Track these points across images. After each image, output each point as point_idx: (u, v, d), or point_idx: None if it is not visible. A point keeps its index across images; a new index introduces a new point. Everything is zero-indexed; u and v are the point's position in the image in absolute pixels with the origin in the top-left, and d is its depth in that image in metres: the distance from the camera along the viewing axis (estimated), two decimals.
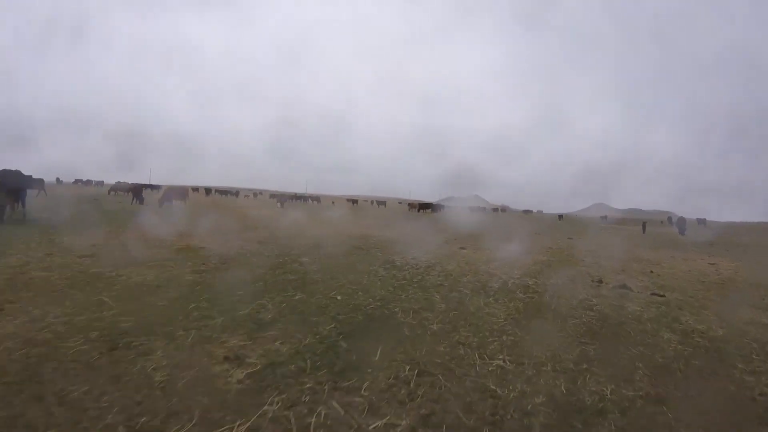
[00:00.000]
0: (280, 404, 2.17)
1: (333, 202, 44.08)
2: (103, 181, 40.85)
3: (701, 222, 30.28)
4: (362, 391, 2.34)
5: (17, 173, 9.39)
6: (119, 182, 26.45)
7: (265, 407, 2.13)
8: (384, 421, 2.09)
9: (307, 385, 2.37)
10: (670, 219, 33.07)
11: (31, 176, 11.85)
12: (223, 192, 45.36)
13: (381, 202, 48.96)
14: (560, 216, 41.29)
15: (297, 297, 4.16)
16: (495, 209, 63.50)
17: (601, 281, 5.98)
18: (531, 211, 72.67)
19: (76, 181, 41.00)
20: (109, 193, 23.53)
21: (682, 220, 24.60)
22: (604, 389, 2.55)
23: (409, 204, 41.50)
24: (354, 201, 49.07)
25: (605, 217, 46.91)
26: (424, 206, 35.04)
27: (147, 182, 30.00)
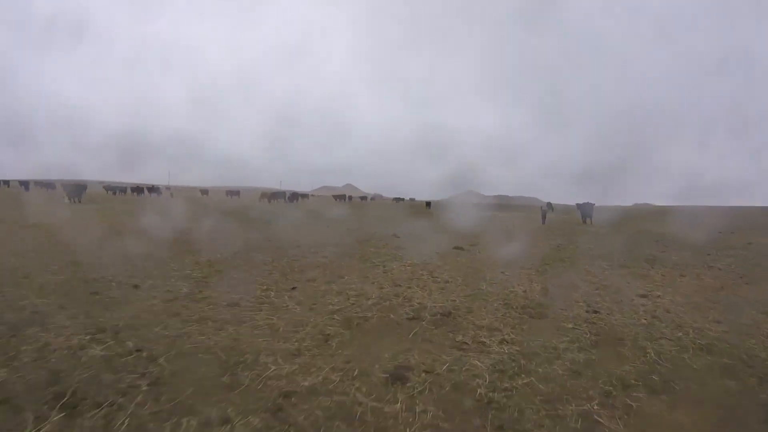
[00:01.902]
0: None
1: (172, 195, 45.00)
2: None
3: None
4: None
5: None
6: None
7: None
8: None
9: None
10: (549, 205, 35.55)
11: None
12: (140, 190, 44.59)
13: (234, 192, 52.01)
14: (428, 203, 42.08)
15: None
16: (363, 198, 67.38)
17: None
18: (402, 199, 75.54)
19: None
20: None
21: (588, 206, 22.90)
22: None
23: (262, 193, 44.41)
24: (205, 192, 52.15)
25: (476, 203, 51.90)
26: (275, 195, 38.85)
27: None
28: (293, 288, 6.39)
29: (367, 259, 9.02)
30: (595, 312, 5.51)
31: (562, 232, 17.31)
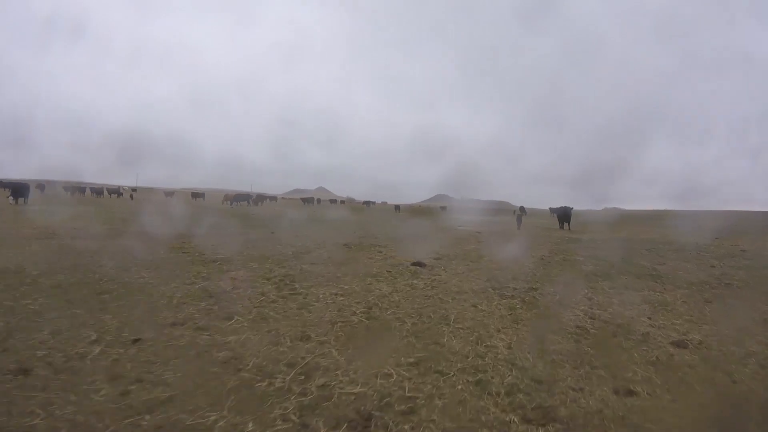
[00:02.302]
0: None
1: (132, 197, 43.18)
2: None
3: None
4: None
5: None
6: None
7: None
8: None
9: None
10: (522, 209, 34.42)
11: None
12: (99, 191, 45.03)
13: (199, 195, 51.55)
14: (397, 207, 42.87)
15: None
16: (333, 201, 68.86)
17: None
18: (374, 203, 75.30)
19: None
20: None
21: (566, 210, 20.93)
22: None
23: (225, 196, 43.76)
24: (170, 193, 51.20)
25: (444, 207, 51.85)
26: (238, 197, 39.19)
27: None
28: (136, 340, 3.71)
29: (288, 284, 6.38)
30: (631, 393, 3.15)
31: (543, 240, 15.26)
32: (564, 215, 21.57)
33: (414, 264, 8.31)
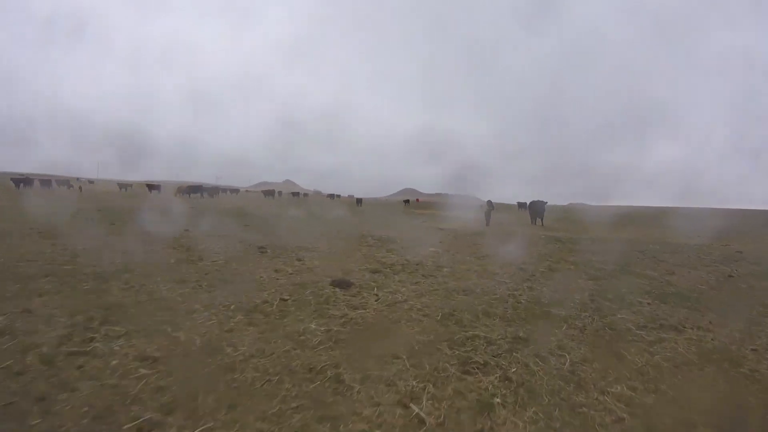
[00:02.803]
0: None
1: (81, 188, 41.02)
2: None
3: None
4: None
5: None
6: None
7: None
8: None
9: None
10: (490, 203, 32.42)
11: None
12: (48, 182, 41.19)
13: (155, 187, 48.03)
14: (359, 200, 41.37)
15: None
16: (296, 194, 69.75)
17: None
18: (338, 196, 75.17)
19: None
20: None
21: (539, 205, 18.84)
22: None
23: (178, 188, 41.40)
24: (125, 186, 49.15)
25: (407, 201, 51.63)
26: (192, 189, 37.78)
27: None
28: None
29: (89, 327, 3.24)
30: None
31: (518, 240, 12.74)
32: (537, 210, 19.39)
33: (335, 283, 5.36)
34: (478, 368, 3.08)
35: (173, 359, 2.98)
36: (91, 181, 57.84)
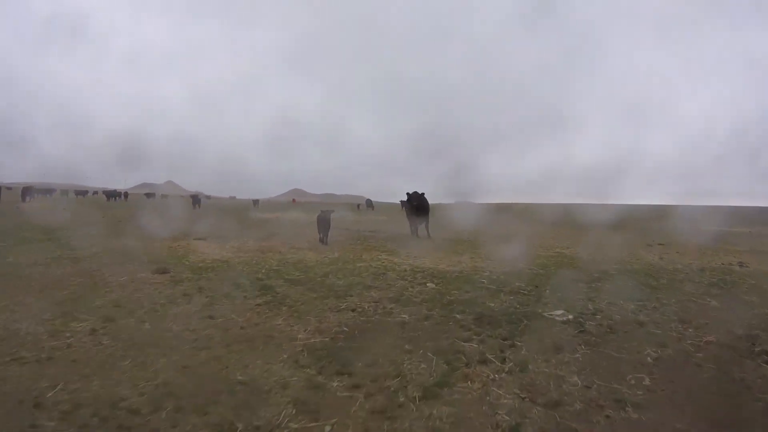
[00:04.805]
0: None
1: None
2: None
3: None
4: None
5: None
6: None
7: None
8: None
9: None
10: (369, 202, 32.37)
11: None
12: None
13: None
14: (255, 201, 40.50)
15: None
16: (149, 194, 66.49)
17: None
18: (234, 197, 74.81)
19: None
20: None
21: (419, 200, 11.32)
22: None
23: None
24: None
25: (257, 200, 51.24)
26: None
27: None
28: None
29: None
30: None
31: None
32: (417, 209, 11.46)
33: None
34: None
35: None
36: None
